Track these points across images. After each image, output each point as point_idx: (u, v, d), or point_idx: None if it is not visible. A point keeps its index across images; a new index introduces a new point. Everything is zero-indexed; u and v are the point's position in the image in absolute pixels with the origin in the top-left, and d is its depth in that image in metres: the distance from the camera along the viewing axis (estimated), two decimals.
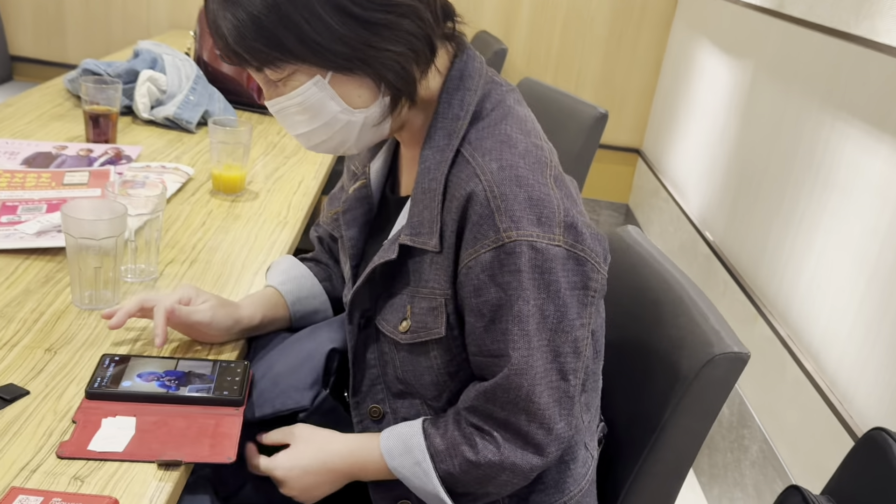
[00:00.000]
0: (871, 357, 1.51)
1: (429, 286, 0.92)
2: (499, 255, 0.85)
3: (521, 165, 0.87)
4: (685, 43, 3.02)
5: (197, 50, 2.21)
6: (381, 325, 0.97)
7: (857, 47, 1.72)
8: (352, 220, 1.05)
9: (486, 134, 0.90)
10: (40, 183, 1.48)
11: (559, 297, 0.86)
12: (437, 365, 0.93)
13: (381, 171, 1.06)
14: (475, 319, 0.88)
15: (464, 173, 0.88)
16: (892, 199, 1.51)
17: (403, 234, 0.92)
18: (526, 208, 0.85)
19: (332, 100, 0.89)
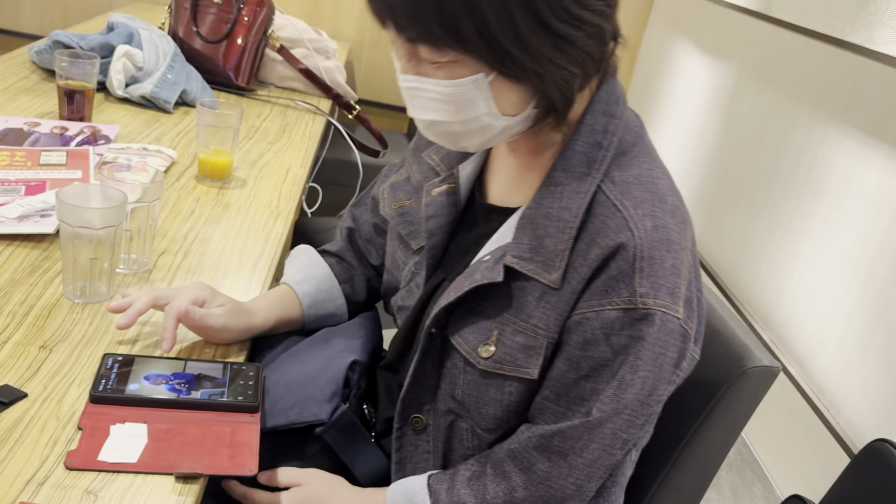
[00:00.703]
0: (862, 365, 1.53)
1: (531, 322, 0.84)
2: (625, 317, 0.79)
3: (671, 227, 0.81)
4: (661, 40, 3.02)
5: (172, 25, 2.11)
6: (458, 342, 0.89)
7: (851, 55, 1.72)
8: (436, 227, 0.95)
9: (632, 177, 0.84)
10: (15, 162, 1.38)
11: (661, 371, 0.81)
12: (509, 402, 0.86)
13: (471, 175, 0.97)
14: (568, 369, 0.82)
15: (612, 221, 0.81)
16: (888, 208, 1.52)
17: (510, 255, 0.84)
18: (668, 276, 0.80)
19: (483, 100, 0.80)
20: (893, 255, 1.49)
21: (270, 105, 2.07)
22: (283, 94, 2.17)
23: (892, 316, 1.46)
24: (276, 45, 2.14)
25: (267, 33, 2.12)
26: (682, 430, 0.99)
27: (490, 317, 0.87)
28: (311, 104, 2.12)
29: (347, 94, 2.27)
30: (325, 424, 0.94)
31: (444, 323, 0.90)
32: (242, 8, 2.07)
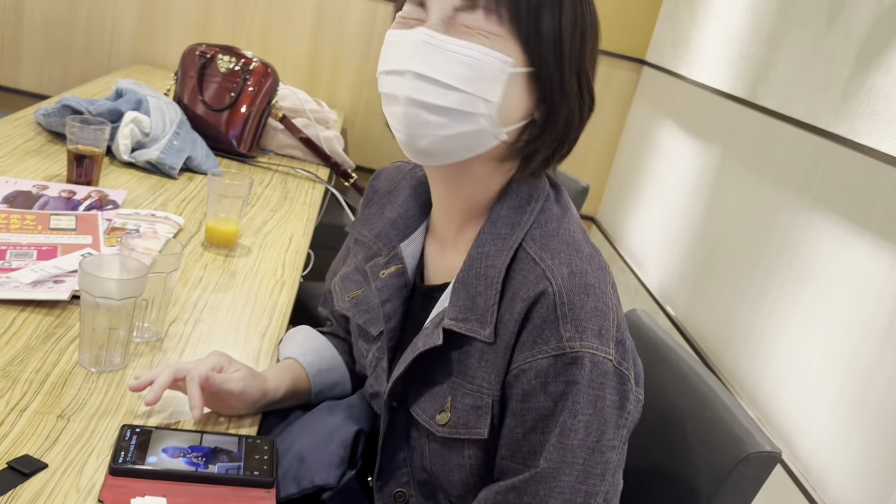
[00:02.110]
0: (848, 447, 1.56)
1: (476, 383, 0.87)
2: (556, 364, 0.81)
3: (589, 272, 0.85)
4: (645, 120, 3.12)
5: (177, 92, 2.16)
6: (417, 413, 0.92)
7: (834, 145, 1.81)
8: (392, 310, 0.98)
9: (550, 232, 0.88)
10: (25, 225, 1.40)
11: (602, 415, 0.83)
12: (470, 465, 0.89)
13: (415, 255, 1.00)
14: (515, 424, 0.85)
15: (532, 274, 0.85)
16: (872, 294, 1.58)
17: (448, 318, 0.88)
18: (591, 318, 0.82)
19: (494, 86, 0.83)
20: (877, 339, 1.54)
21: (271, 172, 2.11)
22: (283, 162, 2.22)
23: (877, 400, 1.50)
24: (278, 115, 2.20)
25: (271, 103, 2.17)
26: None
27: (442, 383, 0.90)
28: (311, 172, 2.16)
29: (345, 162, 2.32)
30: (333, 489, 0.95)
31: (403, 396, 0.94)
32: (248, 78, 2.13)
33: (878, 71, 1.71)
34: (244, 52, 2.16)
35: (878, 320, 1.55)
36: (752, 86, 2.28)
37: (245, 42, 3.08)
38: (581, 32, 0.85)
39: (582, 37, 0.85)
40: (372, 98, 3.20)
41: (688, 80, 2.76)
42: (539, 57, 0.83)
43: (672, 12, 3.05)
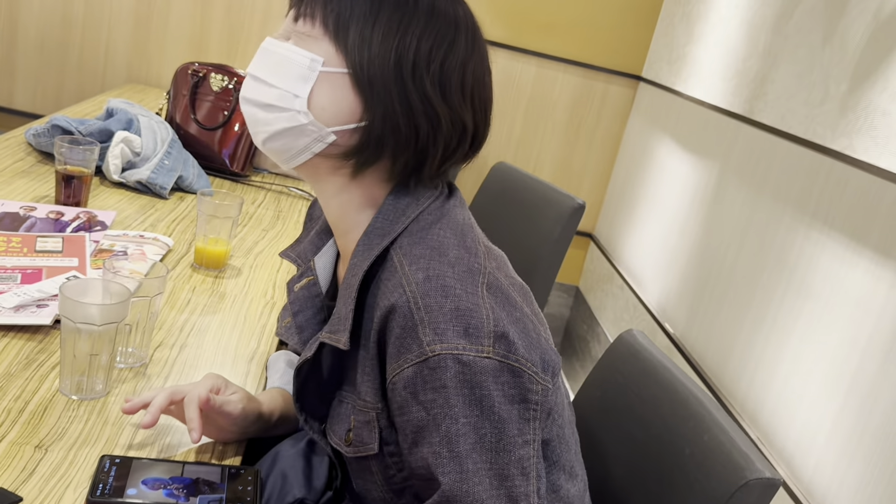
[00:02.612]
0: (851, 470, 1.53)
1: (363, 398, 0.87)
2: (422, 371, 0.78)
3: (448, 275, 0.82)
4: (642, 136, 3.10)
5: (169, 111, 2.14)
6: (331, 436, 0.92)
7: (832, 161, 1.79)
8: (304, 322, 0.98)
9: (417, 239, 0.87)
10: (11, 248, 1.38)
11: (493, 413, 0.78)
12: (380, 481, 0.89)
13: (327, 268, 1.01)
14: (402, 439, 0.83)
15: (391, 282, 0.84)
16: (874, 312, 1.55)
17: (323, 332, 0.89)
18: (451, 319, 0.78)
19: (302, 82, 0.87)
20: (879, 358, 1.51)
21: (264, 191, 2.09)
22: (276, 180, 2.20)
23: (880, 419, 1.48)
24: None
25: None
26: None
27: (346, 403, 0.90)
28: (304, 191, 2.14)
29: None
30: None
31: (324, 422, 0.95)
32: None
33: (874, 86, 1.69)
34: (237, 71, 2.14)
35: (879, 339, 1.53)
36: (749, 101, 2.26)
37: (240, 60, 3.07)
38: (406, 41, 0.85)
39: (406, 39, 0.86)
40: None
41: (684, 96, 2.75)
42: (350, 58, 0.86)
43: (668, 28, 3.04)
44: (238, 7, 3.02)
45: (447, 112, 0.87)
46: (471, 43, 0.90)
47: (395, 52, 0.85)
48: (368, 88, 0.85)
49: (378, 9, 0.85)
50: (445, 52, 0.87)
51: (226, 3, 3.02)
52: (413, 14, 0.86)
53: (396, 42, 0.85)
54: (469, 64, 0.89)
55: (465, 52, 0.89)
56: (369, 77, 0.85)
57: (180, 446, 0.98)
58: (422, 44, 0.86)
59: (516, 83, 3.26)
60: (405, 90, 0.85)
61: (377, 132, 0.86)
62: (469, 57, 0.89)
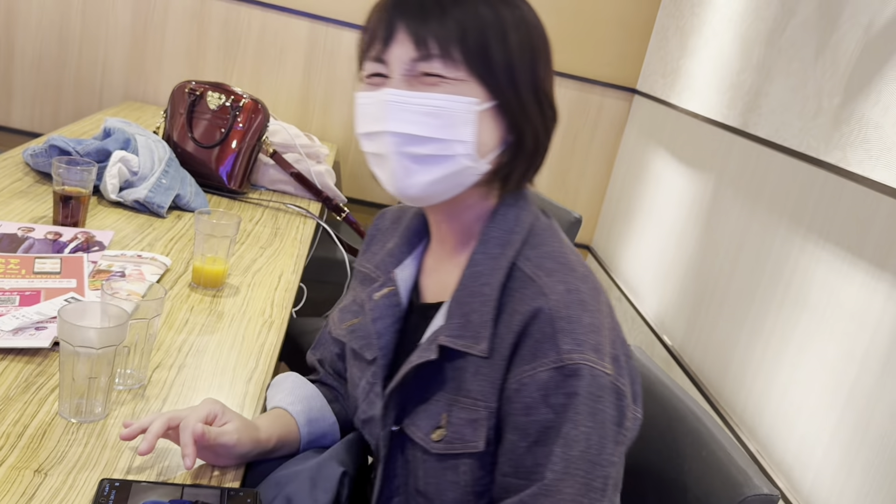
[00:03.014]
0: (849, 482, 1.53)
1: (471, 396, 0.89)
2: (557, 376, 0.83)
3: (583, 290, 0.87)
4: (637, 149, 3.11)
5: (167, 129, 2.15)
6: (412, 430, 0.93)
7: (826, 174, 1.80)
8: (384, 328, 1.00)
9: (544, 253, 0.91)
10: (9, 270, 1.38)
11: (603, 428, 0.84)
12: (465, 481, 0.90)
13: (409, 279, 1.04)
14: (518, 438, 0.86)
15: (528, 290, 0.87)
16: (870, 324, 1.56)
17: (443, 336, 0.90)
18: (588, 333, 0.84)
19: (466, 126, 0.88)
20: (876, 370, 1.52)
21: (262, 208, 2.10)
22: (274, 197, 2.20)
23: (878, 430, 1.48)
24: (269, 150, 2.19)
25: (261, 139, 2.16)
26: None
27: (438, 400, 0.91)
28: (302, 207, 2.15)
29: (337, 196, 2.30)
30: None
31: (399, 417, 0.95)
32: (238, 115, 2.12)
33: (867, 99, 1.70)
34: (234, 89, 2.16)
35: (875, 350, 1.53)
36: (744, 114, 2.27)
37: (237, 78, 3.09)
38: (530, 54, 0.90)
39: (532, 58, 0.90)
40: None
41: (679, 109, 2.76)
42: (498, 89, 0.88)
43: (662, 42, 3.06)
44: (234, 24, 3.03)
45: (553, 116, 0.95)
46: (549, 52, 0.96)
47: (531, 72, 0.89)
48: (520, 114, 0.89)
49: (504, 33, 0.88)
50: (547, 60, 0.94)
51: (221, 20, 3.04)
52: (530, 29, 0.90)
53: (530, 61, 0.89)
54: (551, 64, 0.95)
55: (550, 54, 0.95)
56: (521, 104, 0.89)
57: (180, 469, 0.98)
58: (542, 55, 0.92)
59: None
60: (540, 102, 0.91)
61: (528, 150, 0.92)
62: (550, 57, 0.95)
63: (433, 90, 0.87)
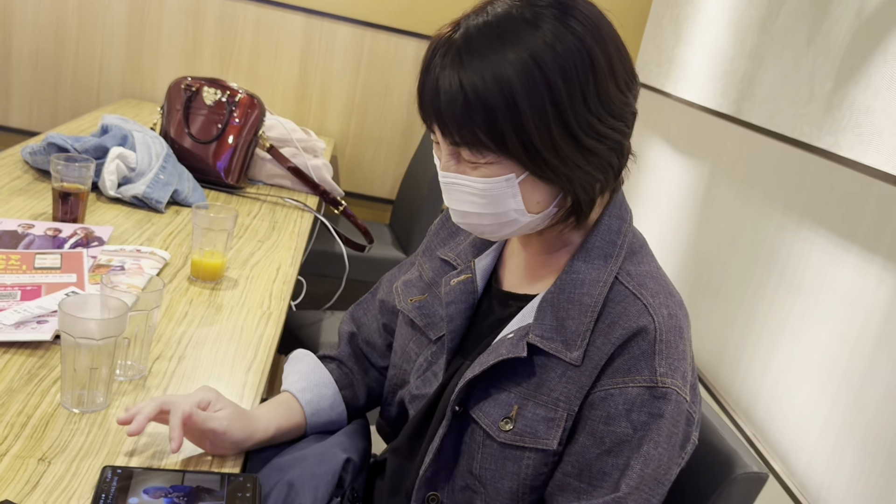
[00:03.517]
0: (843, 463, 1.55)
1: (552, 396, 0.90)
2: (646, 395, 0.86)
3: (681, 317, 0.91)
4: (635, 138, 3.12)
5: (164, 126, 2.16)
6: (479, 416, 0.94)
7: (819, 159, 1.81)
8: (455, 312, 1.02)
9: (645, 272, 0.94)
10: (10, 266, 1.40)
11: (674, 450, 0.88)
12: (526, 475, 0.92)
13: (487, 268, 1.05)
14: (591, 444, 0.88)
15: (633, 307, 0.89)
16: (862, 308, 1.58)
17: (533, 334, 0.92)
18: (680, 360, 0.88)
19: (513, 198, 0.89)
20: (868, 352, 1.53)
21: (259, 203, 2.12)
22: (271, 192, 2.22)
23: (870, 414, 1.50)
24: (265, 145, 2.20)
25: (258, 134, 2.18)
26: None
27: (511, 392, 0.93)
28: (299, 201, 2.16)
29: (334, 190, 2.32)
30: None
31: (466, 399, 0.96)
32: (234, 110, 2.13)
33: (858, 84, 1.72)
34: (230, 84, 2.17)
35: (868, 333, 1.55)
36: (738, 101, 2.28)
37: (233, 73, 3.10)
38: (552, 107, 0.84)
39: (556, 108, 0.84)
40: (361, 125, 3.21)
41: (674, 98, 2.78)
42: (524, 162, 0.87)
43: (657, 30, 3.07)
44: (230, 19, 3.04)
45: (620, 125, 0.89)
46: (607, 51, 0.87)
47: (556, 127, 0.84)
48: (553, 174, 0.87)
49: (513, 102, 0.83)
50: (592, 80, 0.85)
51: (217, 16, 3.05)
52: (543, 78, 0.83)
53: (551, 117, 0.84)
54: (616, 69, 0.88)
55: (608, 63, 0.86)
56: (550, 167, 0.87)
57: (180, 456, 1.00)
58: (568, 97, 0.84)
59: None
60: (582, 146, 0.86)
61: (587, 194, 0.91)
62: (612, 63, 0.87)
63: (473, 173, 0.89)
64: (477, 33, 0.85)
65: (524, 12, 0.85)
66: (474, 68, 0.83)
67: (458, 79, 0.84)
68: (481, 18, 0.87)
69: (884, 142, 1.59)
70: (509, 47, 0.83)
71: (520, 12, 0.85)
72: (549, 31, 0.84)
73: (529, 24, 0.84)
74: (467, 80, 0.84)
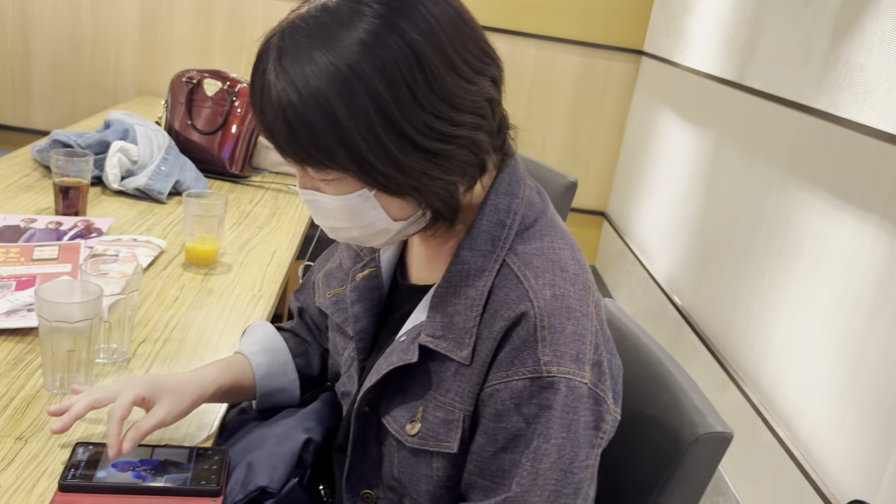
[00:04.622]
0: (844, 425, 1.53)
1: (448, 397, 0.87)
2: (532, 387, 0.81)
3: (571, 295, 0.84)
4: (646, 111, 3.09)
5: (168, 119, 2.21)
6: (388, 422, 0.92)
7: (817, 120, 1.78)
8: (361, 311, 0.99)
9: (534, 249, 0.87)
10: (9, 258, 1.45)
11: (576, 437, 0.83)
12: (438, 477, 0.89)
13: (392, 258, 1.02)
14: (486, 442, 0.85)
15: (514, 293, 0.84)
16: (860, 268, 1.55)
17: (424, 335, 0.88)
18: (569, 343, 0.82)
19: (373, 210, 0.85)
20: (866, 314, 1.51)
21: (263, 190, 2.15)
22: (276, 179, 2.25)
23: (871, 375, 1.47)
24: None
25: None
26: (642, 500, 1.00)
27: (416, 394, 0.90)
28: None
29: None
30: (275, 495, 0.96)
31: (376, 403, 0.94)
32: (235, 100, 2.17)
33: (852, 42, 1.68)
34: (230, 75, 2.20)
35: (865, 293, 1.52)
36: (741, 67, 2.25)
37: (244, 67, 3.14)
38: (378, 118, 0.77)
39: (384, 118, 0.77)
40: None
41: (682, 67, 2.74)
42: (366, 176, 0.81)
43: (665, 1, 3.02)
44: (238, 14, 3.08)
45: (469, 118, 0.81)
46: (438, 40, 0.79)
47: (388, 136, 0.77)
48: (398, 186, 0.81)
49: (333, 117, 0.76)
50: (422, 77, 0.77)
51: (226, 11, 3.09)
52: (362, 85, 0.76)
53: (379, 126, 0.77)
54: (452, 57, 0.79)
55: (440, 53, 0.78)
56: (392, 180, 0.80)
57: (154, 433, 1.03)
58: (395, 101, 0.77)
59: (517, 67, 3.28)
60: (426, 151, 0.79)
61: (443, 201, 0.85)
62: (447, 52, 0.79)
63: (327, 189, 0.85)
64: (292, 36, 0.78)
65: (340, 8, 0.78)
66: (289, 80, 0.77)
67: (277, 93, 0.77)
68: (302, 11, 0.80)
69: (877, 99, 1.56)
70: (324, 53, 0.76)
71: (335, 7, 0.78)
72: (364, 30, 0.76)
73: (343, 24, 0.77)
74: (285, 96, 0.77)
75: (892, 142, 1.49)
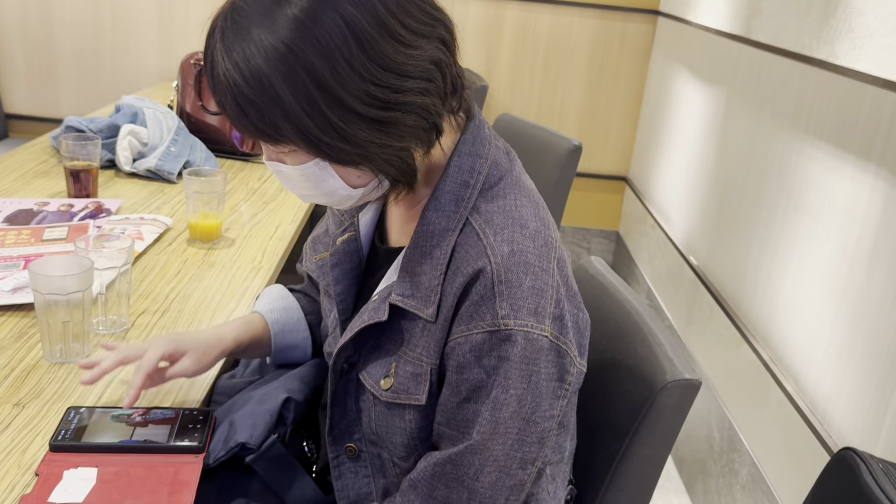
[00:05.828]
0: (846, 378, 1.52)
1: (416, 352, 0.91)
2: (491, 340, 0.84)
3: (530, 250, 0.86)
4: (664, 71, 3.06)
5: (179, 102, 2.26)
6: (364, 377, 0.96)
7: (819, 71, 1.75)
8: (341, 275, 1.03)
9: (496, 207, 0.89)
10: (20, 240, 1.51)
11: (537, 388, 0.85)
12: (411, 429, 0.93)
13: (370, 222, 1.05)
14: (451, 393, 0.88)
15: (473, 249, 0.87)
16: (859, 219, 1.53)
17: (395, 294, 0.91)
18: (527, 297, 0.84)
19: (332, 178, 0.88)
20: (866, 265, 1.49)
21: None
22: None
23: (869, 326, 1.46)
24: None
25: None
26: (613, 447, 1.02)
27: (389, 351, 0.93)
28: None
29: None
30: (255, 451, 1.01)
31: (355, 360, 0.97)
32: None
33: None
34: None
35: (864, 244, 1.50)
36: (747, 21, 2.21)
37: None
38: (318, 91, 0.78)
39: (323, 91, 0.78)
40: None
41: (694, 25, 2.70)
42: (314, 148, 0.83)
43: None
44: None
45: (414, 83, 0.82)
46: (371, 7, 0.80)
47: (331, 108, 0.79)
48: (347, 156, 0.83)
49: (275, 93, 0.78)
50: (357, 47, 0.78)
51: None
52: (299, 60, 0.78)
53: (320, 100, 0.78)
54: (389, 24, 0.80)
55: (375, 21, 0.79)
56: (340, 151, 0.82)
57: (146, 397, 1.08)
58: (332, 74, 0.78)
59: (531, 34, 3.26)
60: (371, 120, 0.81)
61: (396, 167, 0.87)
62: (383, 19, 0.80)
63: (287, 160, 0.87)
64: (233, 16, 0.81)
65: None
66: (233, 61, 0.79)
67: (223, 73, 0.80)
68: None
69: (875, 44, 1.53)
70: (262, 31, 0.78)
71: None
72: (298, 7, 0.78)
73: (279, 3, 0.79)
74: (231, 76, 0.79)
75: (889, 87, 1.46)
